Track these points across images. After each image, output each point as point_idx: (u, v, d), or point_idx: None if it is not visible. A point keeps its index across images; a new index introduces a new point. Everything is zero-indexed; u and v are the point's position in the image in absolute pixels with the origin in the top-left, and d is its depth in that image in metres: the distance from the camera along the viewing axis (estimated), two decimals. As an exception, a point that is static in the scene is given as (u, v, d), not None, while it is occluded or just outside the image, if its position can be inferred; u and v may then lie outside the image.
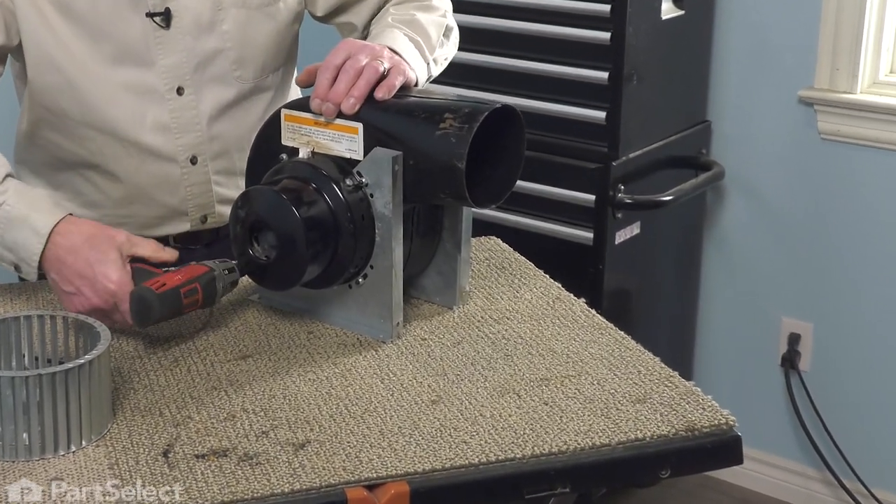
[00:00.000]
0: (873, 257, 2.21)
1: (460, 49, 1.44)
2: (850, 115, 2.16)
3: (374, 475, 0.97)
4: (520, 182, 1.22)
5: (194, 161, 1.36)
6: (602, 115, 2.05)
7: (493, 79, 2.14)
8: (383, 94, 1.17)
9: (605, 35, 2.02)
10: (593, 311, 1.26)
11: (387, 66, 1.19)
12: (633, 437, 1.02)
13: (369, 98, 1.17)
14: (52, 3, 1.28)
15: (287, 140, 1.21)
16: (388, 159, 1.14)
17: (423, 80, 1.29)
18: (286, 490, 0.94)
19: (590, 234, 2.09)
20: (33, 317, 1.08)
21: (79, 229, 1.18)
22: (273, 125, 1.22)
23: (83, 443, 1.00)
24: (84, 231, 1.18)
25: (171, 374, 1.12)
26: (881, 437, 2.27)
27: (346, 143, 1.17)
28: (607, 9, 2.01)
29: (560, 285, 1.33)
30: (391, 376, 1.12)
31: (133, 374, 1.12)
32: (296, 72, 1.45)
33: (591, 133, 2.08)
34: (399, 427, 1.03)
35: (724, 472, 2.35)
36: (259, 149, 1.24)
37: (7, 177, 1.21)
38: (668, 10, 2.11)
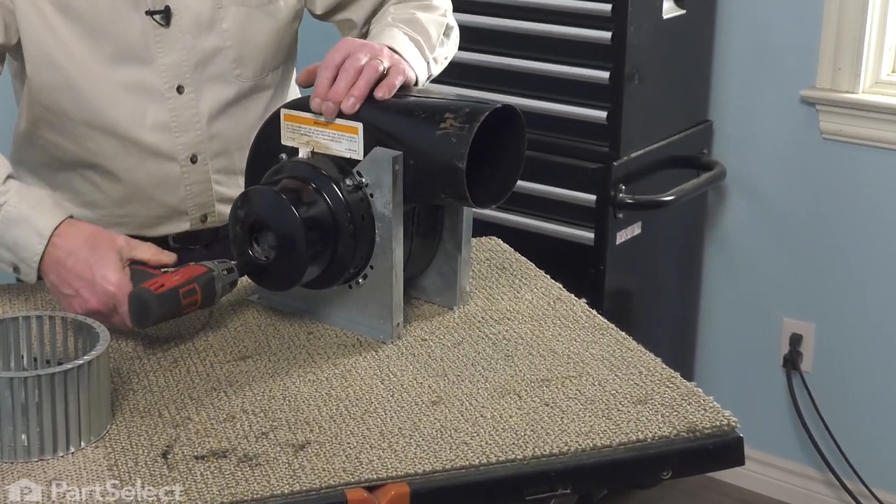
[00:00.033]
0: (876, 257, 2.21)
1: (461, 48, 1.44)
2: (853, 114, 2.16)
3: (375, 476, 0.96)
4: (520, 182, 1.22)
5: (194, 160, 1.36)
6: (603, 114, 2.05)
7: (493, 78, 2.14)
8: (383, 93, 1.17)
9: (607, 34, 2.02)
10: (594, 312, 1.26)
11: (386, 64, 1.18)
12: (634, 438, 1.02)
13: (369, 98, 1.17)
14: (51, 2, 1.28)
15: (287, 140, 1.20)
16: (388, 159, 1.14)
17: (424, 80, 1.29)
18: (286, 491, 0.94)
19: (591, 235, 2.09)
20: (32, 317, 1.08)
21: (78, 231, 1.17)
22: (272, 125, 1.22)
23: (82, 444, 1.00)
24: (83, 233, 1.17)
25: (170, 374, 1.12)
26: (883, 439, 2.27)
27: (346, 142, 1.17)
28: (608, 8, 2.01)
29: (561, 286, 1.33)
30: (391, 377, 1.12)
31: (132, 374, 1.12)
32: (295, 71, 1.45)
33: (592, 133, 2.07)
34: (399, 428, 1.03)
35: (726, 473, 2.35)
36: (258, 149, 1.24)
37: (8, 177, 1.21)
38: (669, 9, 2.11)
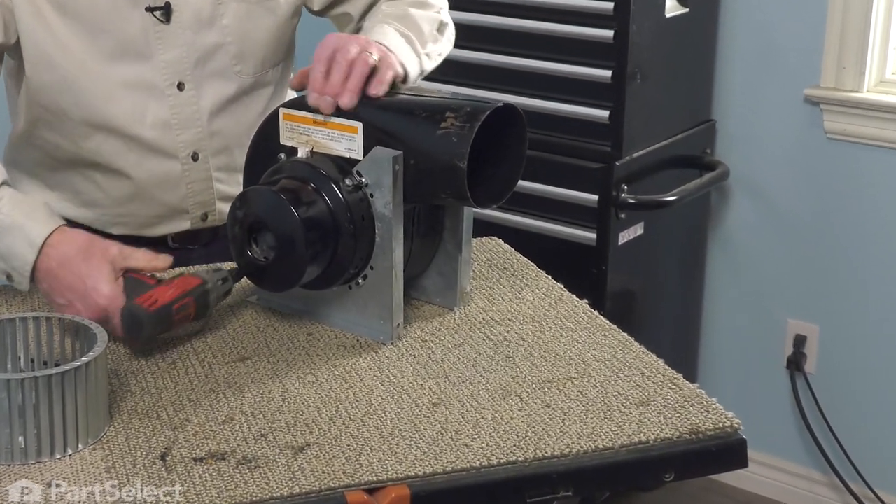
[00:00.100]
0: (880, 258, 2.20)
1: (463, 47, 1.44)
2: (857, 114, 2.15)
3: (375, 478, 0.96)
4: (522, 182, 1.21)
5: (195, 157, 1.35)
6: (605, 114, 2.04)
7: (495, 77, 2.13)
8: (376, 90, 1.16)
9: (609, 33, 2.01)
10: (596, 313, 1.26)
11: (376, 57, 1.18)
12: (636, 439, 1.02)
13: (368, 97, 1.16)
14: (49, 0, 1.27)
15: (286, 139, 1.20)
16: (388, 159, 1.13)
17: (416, 75, 1.28)
18: (285, 494, 0.93)
19: (593, 235, 2.08)
20: (29, 319, 1.08)
21: (72, 240, 1.17)
22: (271, 124, 1.21)
23: (80, 446, 0.99)
24: (77, 243, 1.16)
25: (168, 376, 1.12)
26: (888, 441, 2.26)
27: (346, 142, 1.16)
28: (611, 6, 2.00)
29: (562, 286, 1.32)
30: (391, 378, 1.11)
31: (130, 376, 1.11)
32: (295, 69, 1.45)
33: (594, 132, 2.07)
34: (399, 430, 1.02)
35: (729, 476, 2.34)
36: (257, 148, 1.24)
37: (3, 184, 1.20)
38: (672, 7, 2.10)
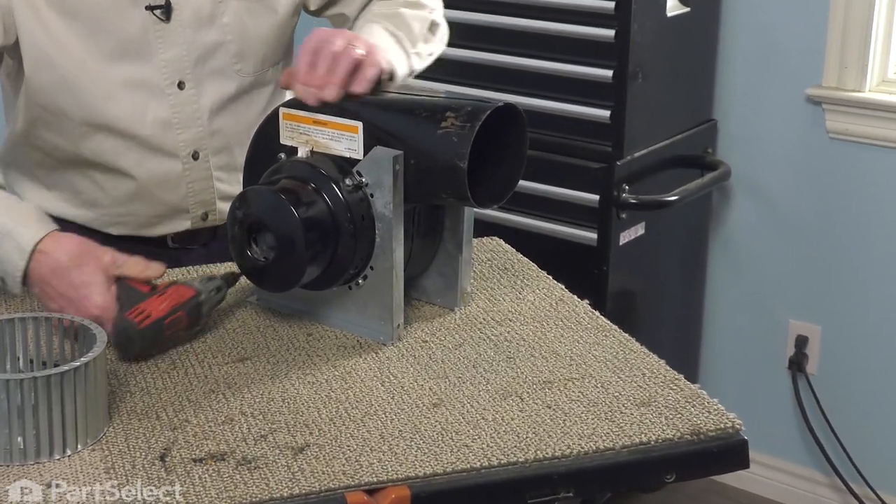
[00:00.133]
0: (882, 259, 2.19)
1: (463, 46, 1.44)
2: (859, 113, 2.14)
3: (375, 479, 0.96)
4: (522, 182, 1.21)
5: (196, 156, 1.35)
6: (606, 113, 2.04)
7: (495, 77, 2.13)
8: (361, 88, 1.16)
9: (610, 32, 2.01)
10: (597, 313, 1.26)
11: (362, 51, 1.18)
12: (637, 440, 1.02)
13: (368, 98, 1.17)
14: (48, 0, 1.26)
15: (285, 139, 1.20)
16: (388, 159, 1.13)
17: (404, 74, 1.28)
18: (285, 494, 0.93)
19: (594, 235, 2.08)
20: (28, 319, 1.08)
21: (64, 247, 1.16)
22: (271, 124, 1.21)
23: (79, 447, 0.99)
24: (69, 250, 1.15)
25: (167, 376, 1.11)
26: (890, 442, 2.25)
27: (346, 142, 1.16)
28: (612, 6, 1.99)
29: (563, 287, 1.32)
30: (391, 379, 1.11)
31: (129, 376, 1.11)
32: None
33: (595, 132, 2.06)
34: (400, 430, 1.02)
35: (730, 477, 2.33)
36: (257, 148, 1.23)
37: None
38: (673, 7, 2.10)
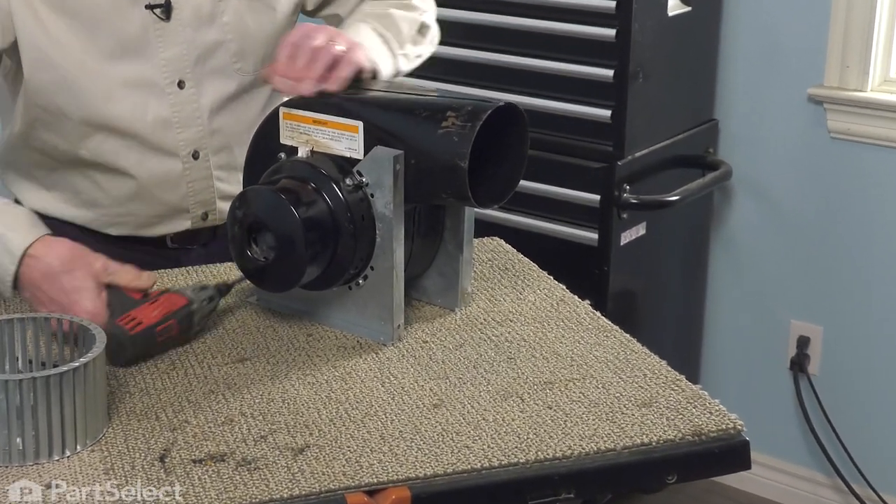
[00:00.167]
0: (884, 259, 2.19)
1: (464, 46, 1.43)
2: (861, 113, 2.14)
3: (375, 480, 0.95)
4: (523, 182, 1.21)
5: (196, 156, 1.35)
6: (607, 113, 2.04)
7: (496, 76, 2.13)
8: (334, 85, 1.17)
9: (611, 32, 2.00)
10: (598, 314, 1.25)
11: (343, 48, 1.19)
12: (638, 441, 1.01)
13: (368, 96, 1.17)
14: (46, 0, 1.26)
15: (285, 139, 1.19)
16: (389, 158, 1.13)
17: (388, 73, 1.29)
18: (285, 496, 0.93)
19: (594, 235, 2.08)
20: (27, 319, 1.07)
21: (55, 252, 1.15)
22: (271, 123, 1.21)
23: (78, 447, 0.99)
24: (60, 254, 1.15)
25: (167, 377, 1.11)
26: (892, 443, 2.25)
27: (346, 141, 1.16)
28: (613, 5, 1.99)
29: (564, 287, 1.32)
30: (392, 379, 1.11)
31: (128, 377, 1.11)
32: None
33: (596, 132, 2.06)
34: (400, 431, 1.02)
35: (732, 478, 2.33)
36: (257, 147, 1.23)
37: None
38: (674, 6, 2.10)
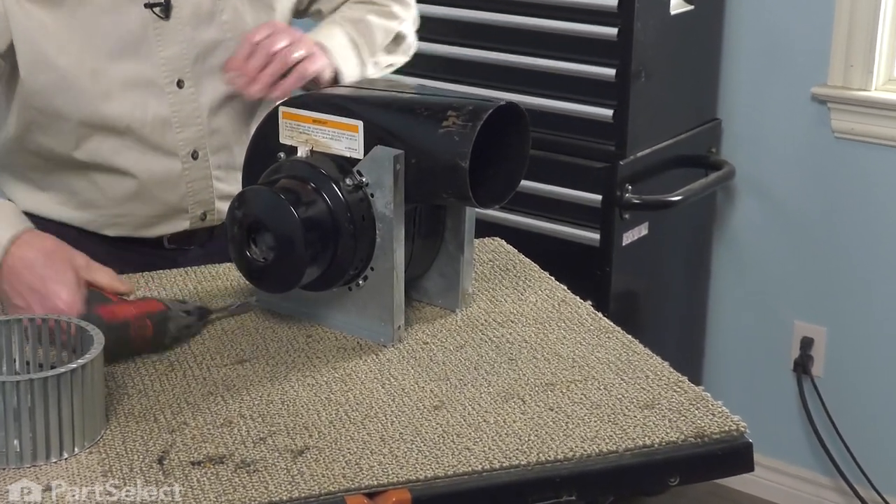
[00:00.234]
0: (889, 259, 2.19)
1: (465, 45, 1.43)
2: (865, 112, 2.13)
3: (375, 482, 0.95)
4: (524, 182, 1.21)
5: (195, 156, 1.35)
6: (609, 112, 2.03)
7: (497, 75, 2.12)
8: (277, 93, 1.25)
9: (613, 30, 2.00)
10: (600, 314, 1.25)
11: (300, 54, 1.24)
12: (640, 443, 1.01)
13: (367, 97, 1.17)
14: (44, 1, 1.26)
15: (285, 138, 1.19)
16: (389, 158, 1.13)
17: (354, 79, 1.33)
18: (284, 498, 0.93)
19: (596, 236, 2.07)
20: (24, 321, 1.07)
21: (39, 244, 1.15)
22: (271, 123, 1.21)
23: (76, 449, 0.99)
24: (44, 247, 1.15)
25: (166, 378, 1.11)
26: (896, 444, 2.24)
27: (346, 141, 1.16)
28: (615, 3, 1.99)
29: (566, 287, 1.32)
30: (392, 381, 1.11)
31: (127, 378, 1.11)
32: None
33: (598, 131, 2.06)
34: (400, 433, 1.02)
35: (735, 480, 2.32)
36: (257, 147, 1.23)
37: None
38: (677, 4, 2.09)
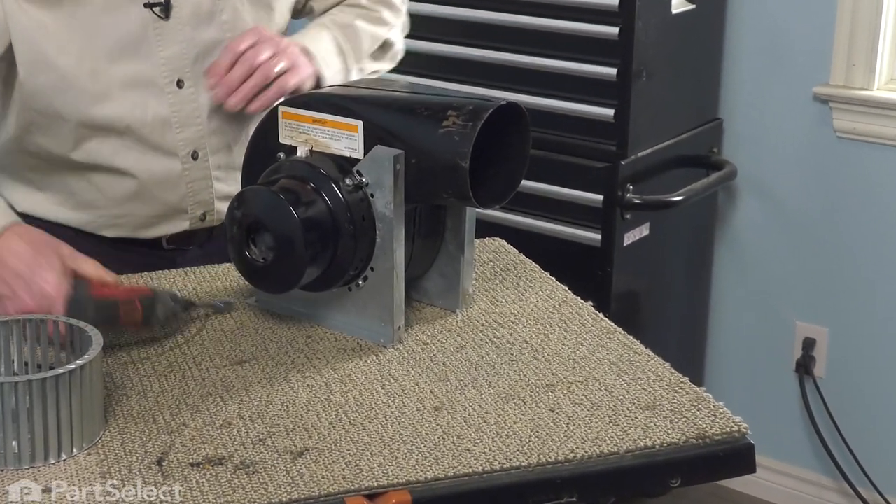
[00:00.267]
0: (891, 260, 2.18)
1: (466, 44, 1.43)
2: (867, 112, 2.13)
3: (375, 484, 0.95)
4: (525, 181, 1.20)
5: (195, 156, 1.34)
6: (610, 112, 2.03)
7: (498, 75, 2.12)
8: (255, 106, 1.27)
9: (614, 30, 2.00)
10: (601, 315, 1.25)
11: (283, 66, 1.27)
12: (642, 444, 1.01)
13: (367, 96, 1.17)
14: (45, 0, 1.25)
15: (284, 138, 1.19)
16: (389, 158, 1.12)
17: (336, 83, 1.34)
18: (284, 499, 0.93)
19: (597, 236, 2.07)
20: (23, 321, 1.07)
21: (27, 234, 1.17)
22: (270, 123, 1.20)
23: (74, 451, 0.98)
24: (30, 238, 1.16)
25: (165, 379, 1.11)
26: (898, 445, 2.24)
27: (346, 141, 1.15)
28: (616, 3, 1.98)
29: (566, 288, 1.32)
30: (392, 382, 1.10)
31: (126, 379, 1.11)
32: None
33: (599, 131, 2.05)
34: (400, 434, 1.02)
35: (736, 481, 2.32)
36: (256, 147, 1.23)
37: None
38: (678, 3, 2.09)
